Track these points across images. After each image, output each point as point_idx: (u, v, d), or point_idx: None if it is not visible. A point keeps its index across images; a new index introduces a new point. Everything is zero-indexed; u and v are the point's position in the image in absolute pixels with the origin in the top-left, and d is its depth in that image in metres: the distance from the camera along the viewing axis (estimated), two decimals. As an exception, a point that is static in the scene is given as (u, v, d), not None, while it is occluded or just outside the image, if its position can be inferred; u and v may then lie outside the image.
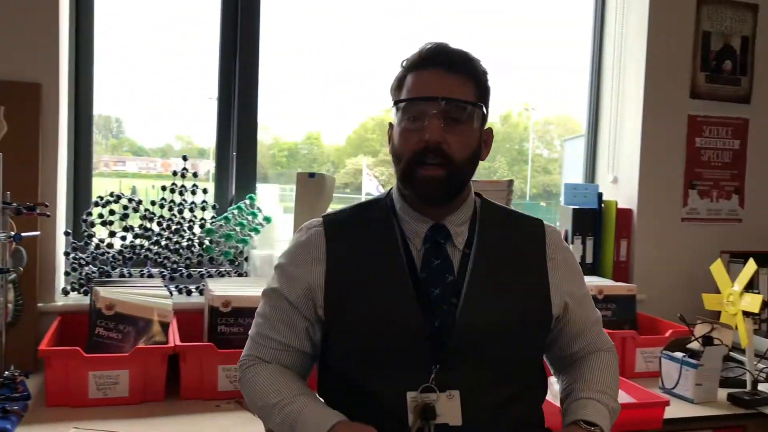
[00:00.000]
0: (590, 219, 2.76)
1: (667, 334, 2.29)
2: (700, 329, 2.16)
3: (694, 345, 2.11)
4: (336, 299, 1.31)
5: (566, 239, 2.75)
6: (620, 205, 2.77)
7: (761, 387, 2.12)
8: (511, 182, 2.52)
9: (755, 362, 2.18)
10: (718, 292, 2.23)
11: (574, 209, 2.75)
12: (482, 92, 1.34)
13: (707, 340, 2.09)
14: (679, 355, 2.09)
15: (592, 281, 2.52)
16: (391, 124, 1.39)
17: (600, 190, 2.77)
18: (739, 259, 2.65)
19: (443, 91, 1.28)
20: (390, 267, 1.33)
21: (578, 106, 3.10)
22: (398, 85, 1.36)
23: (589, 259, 2.75)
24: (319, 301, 1.32)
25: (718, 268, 2.23)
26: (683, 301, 2.61)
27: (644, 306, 2.64)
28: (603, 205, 2.76)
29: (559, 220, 2.86)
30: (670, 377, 2.09)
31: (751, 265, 2.16)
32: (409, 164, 1.30)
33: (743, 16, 2.84)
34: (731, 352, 2.24)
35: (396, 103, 1.34)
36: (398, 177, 1.35)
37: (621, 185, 2.86)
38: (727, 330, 2.15)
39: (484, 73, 1.36)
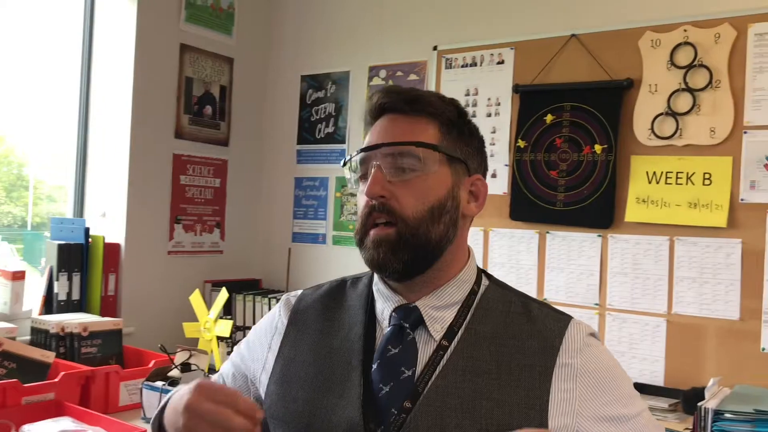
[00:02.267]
0: (77, 254, 2.69)
1: (150, 365, 2.35)
2: (180, 357, 2.30)
3: (174, 372, 2.23)
4: (276, 385, 1.14)
5: (51, 276, 2.62)
6: (108, 240, 2.77)
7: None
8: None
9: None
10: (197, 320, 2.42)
11: (59, 244, 2.65)
12: (450, 131, 1.09)
13: (185, 367, 2.24)
14: (159, 384, 2.18)
15: (78, 318, 2.46)
16: None
17: (87, 225, 2.73)
18: (220, 287, 2.91)
19: (387, 138, 1.07)
20: (341, 353, 1.10)
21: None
22: None
23: (75, 296, 2.68)
24: (263, 385, 1.17)
25: (195, 298, 2.41)
26: (171, 330, 2.72)
27: (132, 339, 2.69)
28: (90, 239, 2.73)
29: (45, 257, 2.72)
30: (152, 406, 2.17)
31: (223, 294, 2.40)
32: (360, 231, 1.09)
33: (221, 67, 3.16)
34: (209, 375, 2.44)
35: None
36: None
37: (110, 220, 2.87)
38: (203, 355, 2.33)
39: (453, 111, 1.11)
